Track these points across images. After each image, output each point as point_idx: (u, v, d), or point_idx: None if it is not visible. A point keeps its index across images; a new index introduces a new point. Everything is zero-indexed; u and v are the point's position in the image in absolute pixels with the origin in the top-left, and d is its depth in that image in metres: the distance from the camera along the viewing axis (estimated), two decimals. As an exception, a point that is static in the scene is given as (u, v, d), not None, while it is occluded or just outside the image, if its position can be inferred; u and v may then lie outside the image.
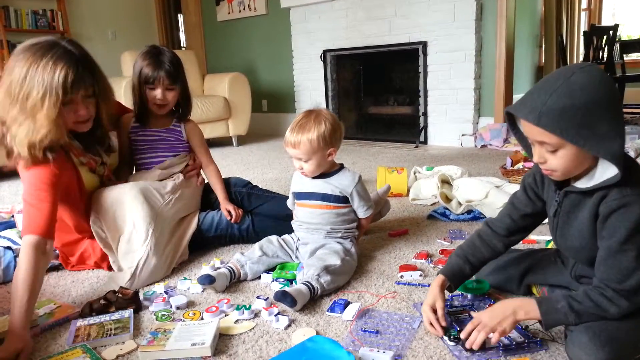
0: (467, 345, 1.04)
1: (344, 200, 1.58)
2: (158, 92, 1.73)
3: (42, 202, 1.36)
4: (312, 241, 1.58)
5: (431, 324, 1.14)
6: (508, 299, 1.04)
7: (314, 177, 1.57)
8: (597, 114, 0.91)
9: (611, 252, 0.96)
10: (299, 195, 1.62)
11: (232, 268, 1.49)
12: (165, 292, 1.44)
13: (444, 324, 1.13)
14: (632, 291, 0.94)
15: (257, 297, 1.35)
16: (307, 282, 1.35)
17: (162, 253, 1.56)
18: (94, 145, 1.60)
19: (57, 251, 1.65)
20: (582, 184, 1.01)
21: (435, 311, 1.14)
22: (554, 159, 0.97)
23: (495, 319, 1.01)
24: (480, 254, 1.22)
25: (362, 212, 1.61)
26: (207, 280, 1.40)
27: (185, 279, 1.52)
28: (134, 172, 1.82)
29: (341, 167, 1.61)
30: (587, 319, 0.97)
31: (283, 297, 1.27)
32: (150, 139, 1.80)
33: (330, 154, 1.52)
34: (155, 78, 1.71)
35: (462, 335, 1.05)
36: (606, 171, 0.96)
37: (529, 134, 0.99)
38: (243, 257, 1.53)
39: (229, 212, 1.78)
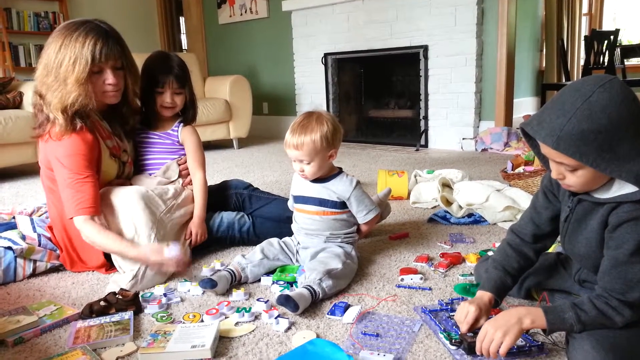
0: None
1: (341, 205, 1.56)
2: (167, 96, 1.75)
3: (84, 177, 1.49)
4: (313, 245, 1.57)
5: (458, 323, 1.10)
6: (513, 308, 1.03)
7: (312, 181, 1.57)
8: (618, 135, 0.88)
9: (617, 262, 0.95)
10: (297, 199, 1.61)
11: (232, 271, 1.49)
12: (164, 295, 1.44)
13: (467, 333, 1.09)
14: (636, 303, 0.94)
15: (258, 300, 1.35)
16: (309, 286, 1.35)
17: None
18: (118, 124, 1.71)
19: (58, 251, 1.65)
20: (598, 194, 1.00)
21: (474, 319, 1.08)
22: (573, 177, 0.96)
23: (501, 328, 0.98)
24: (517, 264, 1.18)
25: (361, 217, 1.58)
26: (209, 284, 1.40)
27: (186, 280, 1.52)
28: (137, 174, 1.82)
29: (339, 171, 1.59)
30: (591, 328, 0.96)
31: (286, 301, 1.27)
32: (149, 141, 1.81)
33: (331, 156, 1.51)
34: (165, 82, 1.74)
35: (477, 352, 1.02)
36: (624, 186, 0.95)
37: (546, 154, 0.98)
38: (244, 260, 1.53)
39: (192, 232, 1.70)
